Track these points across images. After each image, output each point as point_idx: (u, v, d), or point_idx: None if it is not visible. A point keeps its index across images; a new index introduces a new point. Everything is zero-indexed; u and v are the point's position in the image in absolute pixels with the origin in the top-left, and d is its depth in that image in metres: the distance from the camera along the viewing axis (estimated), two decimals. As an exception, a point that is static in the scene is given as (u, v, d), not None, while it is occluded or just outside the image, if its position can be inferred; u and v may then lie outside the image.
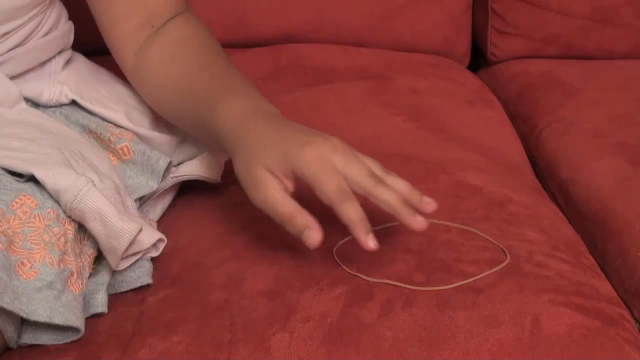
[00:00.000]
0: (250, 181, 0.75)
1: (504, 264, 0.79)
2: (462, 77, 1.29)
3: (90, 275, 0.78)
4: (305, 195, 0.75)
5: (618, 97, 1.21)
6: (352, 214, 0.72)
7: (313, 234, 0.73)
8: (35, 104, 0.88)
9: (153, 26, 0.89)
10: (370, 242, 0.73)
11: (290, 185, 0.75)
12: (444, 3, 1.31)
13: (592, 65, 1.32)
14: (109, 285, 0.79)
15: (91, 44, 0.92)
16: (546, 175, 1.13)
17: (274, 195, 0.74)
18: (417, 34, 1.31)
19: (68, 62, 0.92)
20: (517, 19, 1.33)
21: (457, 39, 1.34)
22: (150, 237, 0.79)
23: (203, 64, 0.86)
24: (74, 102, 0.89)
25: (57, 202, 0.75)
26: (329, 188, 0.72)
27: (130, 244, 0.75)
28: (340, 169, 0.73)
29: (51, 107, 0.88)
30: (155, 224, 0.88)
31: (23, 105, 0.85)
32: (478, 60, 1.41)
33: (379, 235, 0.83)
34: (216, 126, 0.79)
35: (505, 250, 0.81)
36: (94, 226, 0.75)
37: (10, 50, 0.84)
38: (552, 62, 1.33)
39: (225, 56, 0.88)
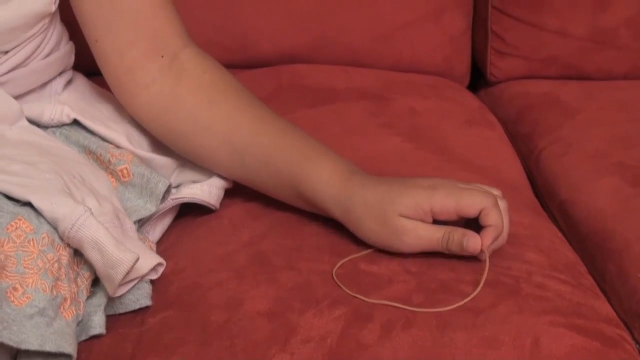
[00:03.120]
0: (394, 231, 0.81)
1: (485, 273, 0.79)
2: (461, 97, 1.29)
3: (87, 297, 0.77)
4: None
5: (618, 118, 1.21)
6: (500, 218, 0.80)
7: (473, 239, 0.79)
8: (36, 124, 0.88)
9: (162, 56, 0.88)
10: (481, 247, 0.79)
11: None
12: (443, 24, 1.31)
13: (592, 86, 1.32)
14: (108, 307, 0.78)
15: (92, 65, 0.92)
16: (546, 195, 1.13)
17: (424, 229, 0.80)
18: (417, 54, 1.31)
19: (69, 82, 0.92)
20: (517, 40, 1.33)
21: (457, 59, 1.34)
22: (148, 262, 0.79)
23: (258, 115, 0.88)
24: (74, 122, 0.89)
25: (54, 227, 0.75)
26: (478, 198, 0.79)
27: (128, 273, 0.75)
28: None
29: (52, 127, 0.88)
30: (154, 246, 0.88)
31: (24, 122, 0.85)
32: (478, 80, 1.41)
33: (379, 256, 0.84)
34: (315, 194, 0.85)
35: (486, 254, 0.80)
36: (92, 255, 0.75)
37: (10, 71, 0.84)
38: (552, 82, 1.33)
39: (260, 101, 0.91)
